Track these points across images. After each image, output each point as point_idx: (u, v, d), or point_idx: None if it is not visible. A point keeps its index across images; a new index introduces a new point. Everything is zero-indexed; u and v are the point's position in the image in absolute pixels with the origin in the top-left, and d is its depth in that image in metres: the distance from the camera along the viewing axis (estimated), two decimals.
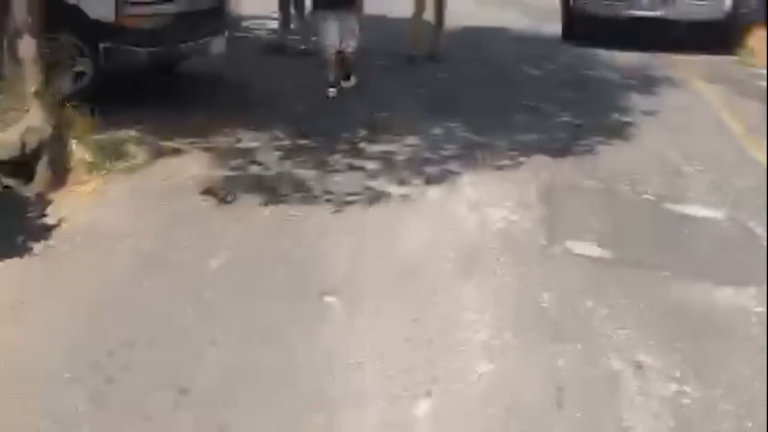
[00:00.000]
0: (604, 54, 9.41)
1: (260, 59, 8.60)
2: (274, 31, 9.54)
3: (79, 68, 6.21)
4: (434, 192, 4.94)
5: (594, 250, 4.22)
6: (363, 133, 6.11)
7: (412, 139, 5.99)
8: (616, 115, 6.95)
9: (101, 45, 6.04)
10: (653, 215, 4.79)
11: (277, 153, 5.54)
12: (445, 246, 4.14)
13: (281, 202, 4.67)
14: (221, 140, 5.72)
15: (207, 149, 5.48)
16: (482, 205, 4.71)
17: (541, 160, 5.62)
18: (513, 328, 3.40)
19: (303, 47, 9.00)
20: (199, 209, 4.45)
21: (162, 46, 6.23)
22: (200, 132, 5.78)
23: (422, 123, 6.41)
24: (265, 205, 4.59)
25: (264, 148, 5.63)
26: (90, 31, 6.03)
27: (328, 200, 4.74)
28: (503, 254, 4.10)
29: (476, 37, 10.42)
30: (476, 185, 5.06)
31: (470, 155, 5.67)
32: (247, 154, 5.48)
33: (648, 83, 8.22)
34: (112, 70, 6.14)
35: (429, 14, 8.82)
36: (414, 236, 4.27)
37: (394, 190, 4.93)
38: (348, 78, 7.54)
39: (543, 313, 3.56)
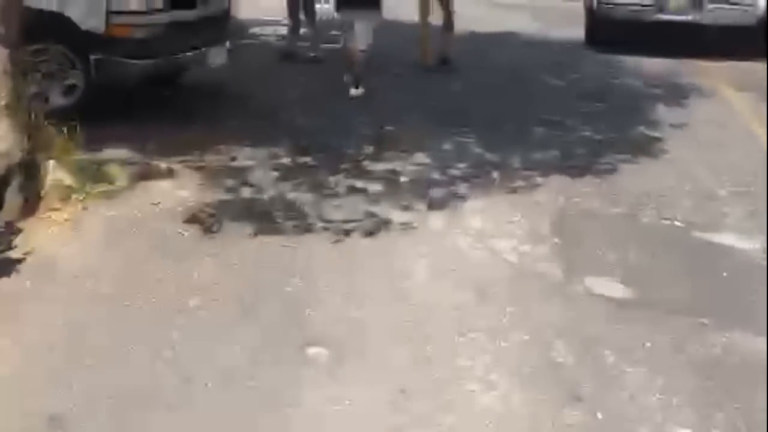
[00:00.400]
0: (628, 61, 8.88)
1: (267, 67, 8.19)
2: (284, 37, 9.12)
3: (70, 81, 5.83)
4: (439, 219, 4.46)
5: (617, 290, 3.73)
6: (368, 149, 5.66)
7: (419, 157, 5.53)
8: (641, 129, 6.43)
9: (92, 57, 5.64)
10: (683, 246, 4.28)
11: (274, 173, 5.09)
12: (447, 285, 3.66)
13: (273, 231, 4.21)
14: (215, 158, 5.29)
15: (199, 169, 5.05)
16: (491, 235, 4.23)
17: (558, 181, 5.12)
18: (521, 389, 2.92)
19: (312, 54, 8.59)
20: (180, 241, 4.02)
21: (155, 57, 5.81)
22: (194, 149, 5.36)
23: (431, 138, 5.94)
24: (255, 235, 4.15)
25: (260, 167, 5.18)
26: (80, 42, 5.64)
27: (324, 228, 4.29)
28: (512, 295, 3.62)
29: (489, 42, 9.96)
30: (485, 211, 4.57)
31: (481, 175, 5.19)
32: (242, 174, 5.05)
33: (675, 92, 7.69)
34: (104, 83, 5.74)
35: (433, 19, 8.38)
36: (413, 273, 3.80)
37: (397, 216, 4.46)
38: (357, 86, 7.12)
39: (558, 370, 3.07)
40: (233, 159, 5.33)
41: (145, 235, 4.04)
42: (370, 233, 4.24)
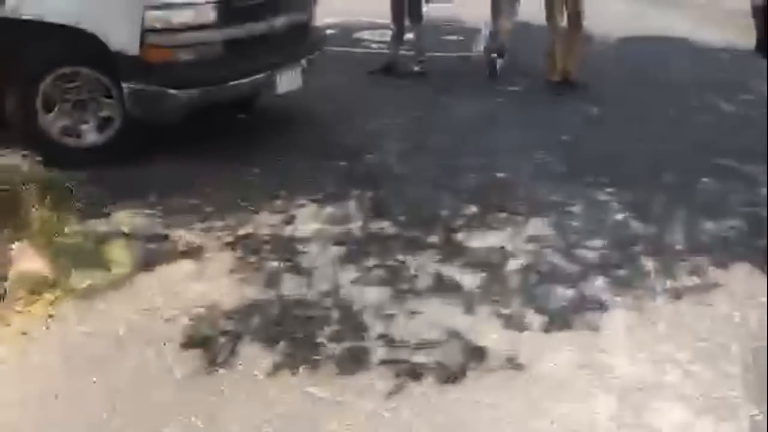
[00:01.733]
0: None
1: (363, 83, 6.78)
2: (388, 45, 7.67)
3: (105, 113, 4.65)
4: (561, 349, 2.86)
5: None
6: (468, 210, 4.12)
7: (537, 225, 3.94)
8: None
9: (125, 85, 4.40)
10: None
11: (335, 250, 3.66)
12: None
13: (305, 363, 2.76)
14: (263, 222, 3.92)
15: (238, 241, 3.70)
16: (645, 392, 2.60)
17: (745, 277, 3.40)
18: None
19: (417, 68, 7.10)
20: (164, 385, 2.63)
21: (205, 86, 4.50)
22: (241, 207, 4.04)
23: (557, 192, 4.33)
24: (276, 371, 2.73)
25: (319, 238, 3.77)
26: (110, 66, 4.43)
27: (383, 361, 2.80)
28: None
29: (633, 49, 8.09)
30: (635, 337, 2.93)
31: (627, 263, 3.53)
32: (292, 250, 3.65)
33: None
34: (142, 118, 4.52)
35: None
36: None
37: (495, 340, 2.91)
38: (501, 55, 6.94)
39: None
40: (288, 223, 3.95)
41: (119, 371, 2.69)
42: (449, 377, 2.71)
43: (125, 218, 3.75)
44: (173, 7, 4.30)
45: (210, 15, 4.45)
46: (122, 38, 4.30)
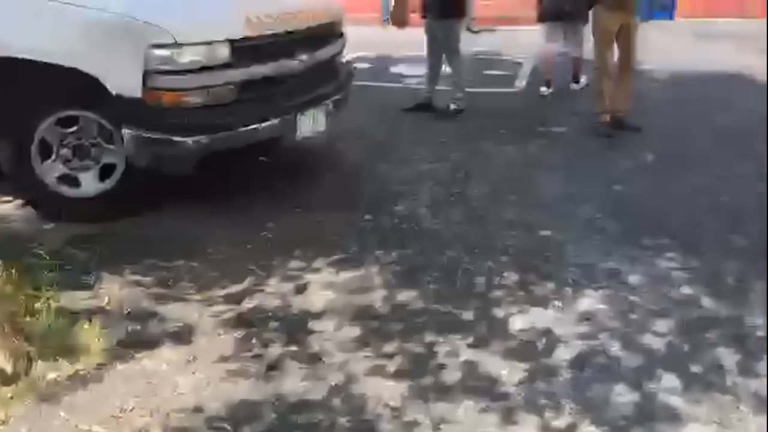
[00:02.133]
0: None
1: (395, 122, 6.22)
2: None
3: (107, 159, 4.15)
4: None
5: None
6: (508, 277, 3.49)
7: (589, 299, 3.28)
8: None
9: (125, 131, 3.89)
10: None
11: (351, 331, 3.05)
12: None
13: None
14: (272, 291, 3.34)
15: (236, 320, 3.11)
16: None
17: None
18: None
19: (453, 106, 6.52)
20: None
21: (218, 132, 3.95)
22: (245, 272, 3.48)
23: (611, 257, 3.67)
24: None
25: (334, 314, 3.17)
26: (111, 110, 3.92)
27: None
28: None
29: (692, 88, 7.37)
30: None
31: (701, 358, 2.85)
32: (299, 331, 3.05)
33: None
34: (146, 167, 3.99)
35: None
36: None
37: None
38: (577, 81, 7.26)
39: None
40: (299, 292, 3.36)
41: None
42: None
43: (110, 289, 3.20)
44: (179, 47, 3.76)
45: (221, 54, 3.92)
46: (122, 80, 3.79)
